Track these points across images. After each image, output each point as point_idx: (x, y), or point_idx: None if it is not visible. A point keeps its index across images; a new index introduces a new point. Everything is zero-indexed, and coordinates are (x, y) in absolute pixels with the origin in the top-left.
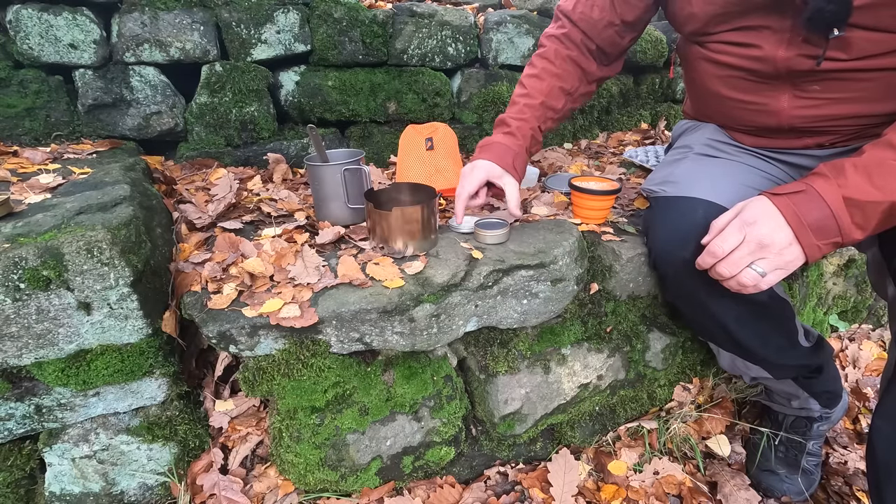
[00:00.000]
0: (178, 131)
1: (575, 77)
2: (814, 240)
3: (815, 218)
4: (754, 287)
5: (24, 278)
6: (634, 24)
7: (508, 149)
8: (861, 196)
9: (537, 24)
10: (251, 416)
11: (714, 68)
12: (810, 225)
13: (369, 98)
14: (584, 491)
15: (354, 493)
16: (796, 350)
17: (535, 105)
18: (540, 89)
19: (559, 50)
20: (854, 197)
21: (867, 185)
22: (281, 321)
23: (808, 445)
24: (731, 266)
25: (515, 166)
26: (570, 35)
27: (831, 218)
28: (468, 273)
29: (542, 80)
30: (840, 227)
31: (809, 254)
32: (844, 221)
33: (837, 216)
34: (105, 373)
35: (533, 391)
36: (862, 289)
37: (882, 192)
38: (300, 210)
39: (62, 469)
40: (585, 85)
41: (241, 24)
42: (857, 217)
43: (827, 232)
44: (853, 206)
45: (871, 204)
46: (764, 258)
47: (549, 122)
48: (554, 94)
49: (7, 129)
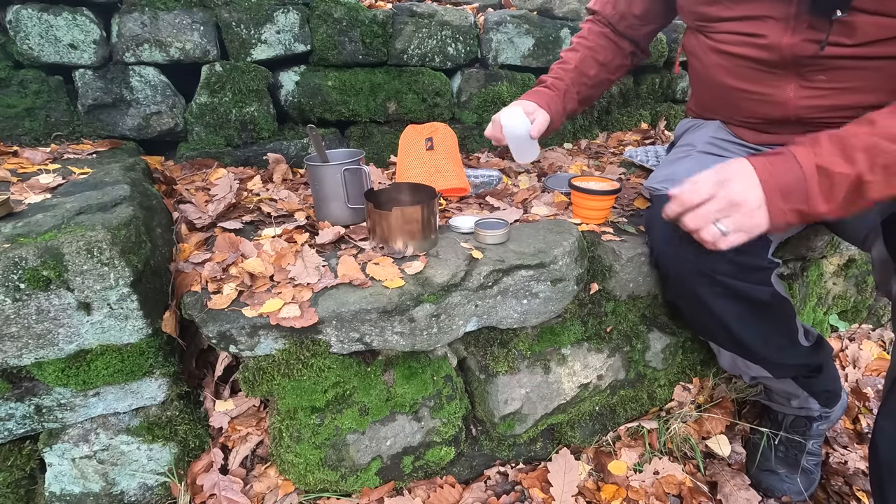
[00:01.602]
0: (178, 131)
1: (608, 50)
2: (781, 203)
3: (787, 181)
4: (712, 244)
5: (24, 278)
6: (645, 17)
7: (543, 94)
8: (831, 166)
9: (537, 24)
10: (251, 416)
11: (720, 58)
12: (781, 188)
13: (369, 98)
14: (584, 491)
15: (354, 493)
16: (796, 349)
17: (569, 69)
18: (574, 58)
19: (592, 28)
20: (825, 165)
21: (839, 155)
22: (281, 321)
23: (808, 445)
24: (697, 219)
25: (550, 106)
26: (603, 20)
27: (802, 181)
28: (468, 273)
29: (576, 51)
30: (808, 193)
31: (773, 218)
32: (813, 188)
33: (808, 181)
34: (105, 373)
35: (533, 391)
36: (862, 289)
37: (851, 165)
38: (300, 210)
39: (62, 469)
40: (620, 58)
41: (241, 24)
42: (825, 185)
43: (795, 196)
44: (823, 175)
45: (840, 175)
46: (730, 217)
47: (584, 87)
48: (587, 62)
49: (7, 129)
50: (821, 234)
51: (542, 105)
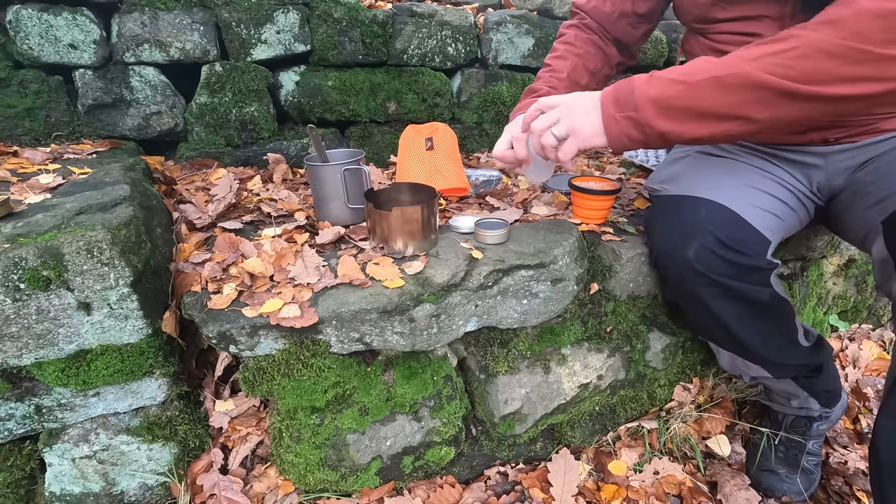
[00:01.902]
0: (178, 131)
1: (597, 58)
2: (612, 109)
3: (620, 89)
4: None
5: (24, 278)
6: (647, 15)
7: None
8: (664, 74)
9: (537, 23)
10: (251, 416)
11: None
12: (614, 96)
13: (369, 98)
14: (584, 491)
15: (354, 493)
16: (796, 349)
17: (562, 78)
18: (565, 66)
19: (579, 34)
20: (657, 74)
21: (676, 69)
22: (281, 321)
23: (808, 445)
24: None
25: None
26: (589, 24)
27: (630, 85)
28: (468, 273)
29: (565, 59)
30: (635, 95)
31: (606, 124)
32: (640, 91)
33: (635, 84)
34: (105, 373)
35: (533, 391)
36: (862, 289)
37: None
38: (300, 210)
39: (62, 469)
40: (608, 68)
41: (241, 24)
42: (654, 89)
43: (624, 101)
44: (655, 81)
45: (670, 81)
46: (561, 121)
47: None
48: (578, 71)
49: (7, 129)
50: (821, 234)
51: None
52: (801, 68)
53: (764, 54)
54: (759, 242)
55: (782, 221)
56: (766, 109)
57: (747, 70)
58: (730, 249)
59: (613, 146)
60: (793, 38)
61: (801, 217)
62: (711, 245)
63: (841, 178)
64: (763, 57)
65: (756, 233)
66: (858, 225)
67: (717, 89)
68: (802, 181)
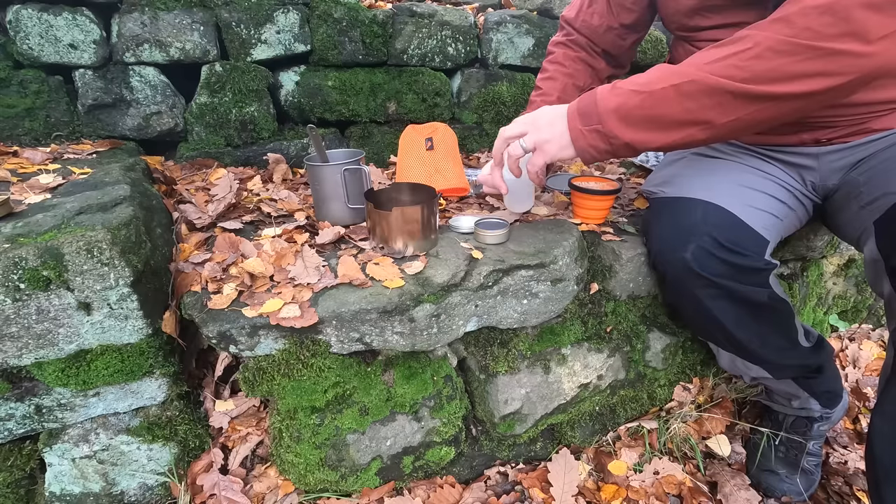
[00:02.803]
0: (178, 131)
1: (586, 74)
2: (578, 123)
3: (584, 103)
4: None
5: (24, 278)
6: (634, 26)
7: None
8: (624, 85)
9: (537, 24)
10: (251, 416)
11: None
12: (579, 109)
13: (369, 98)
14: (584, 491)
15: (354, 493)
16: (796, 350)
17: (552, 101)
18: (554, 87)
19: (567, 53)
20: (618, 85)
21: (637, 79)
22: (281, 321)
23: (809, 445)
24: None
25: None
26: (577, 41)
27: (592, 98)
28: (468, 273)
29: (555, 80)
30: (598, 108)
31: (573, 137)
32: (602, 104)
33: (598, 97)
34: (105, 373)
35: (533, 391)
36: (862, 289)
37: (644, 83)
38: (300, 210)
39: (62, 469)
40: (597, 82)
41: (241, 24)
42: (616, 101)
43: (589, 115)
44: (617, 93)
45: (631, 92)
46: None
47: None
48: (568, 91)
49: (7, 129)
50: (820, 233)
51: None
52: (755, 69)
53: (718, 58)
54: (756, 243)
55: (780, 221)
56: (725, 113)
57: (702, 76)
58: (727, 250)
59: (582, 158)
60: (746, 38)
61: (800, 216)
62: (709, 246)
63: (835, 178)
64: (717, 61)
65: (753, 233)
66: (853, 225)
67: (675, 97)
68: (798, 180)
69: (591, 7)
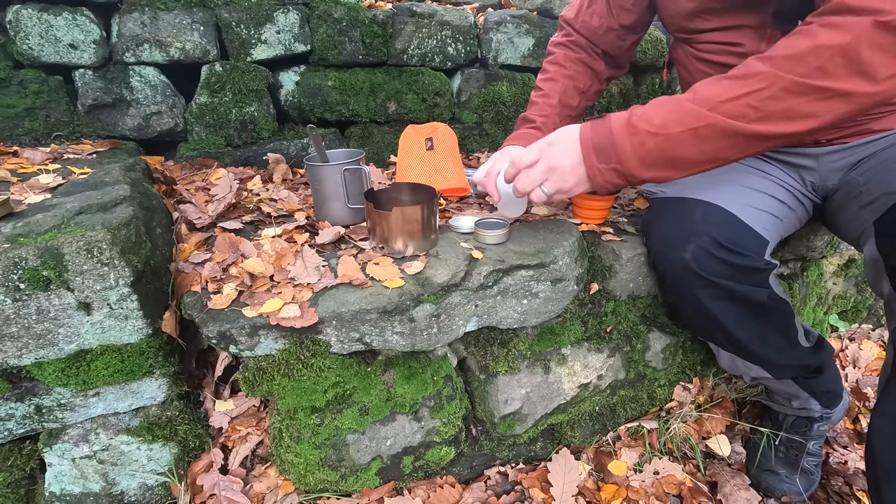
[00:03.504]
0: (178, 131)
1: (586, 76)
2: (596, 162)
3: (600, 138)
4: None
5: (24, 278)
6: (633, 27)
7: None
8: (640, 124)
9: (537, 24)
10: (251, 416)
11: (704, 67)
12: (595, 146)
13: (369, 98)
14: (584, 491)
15: (354, 493)
16: (796, 350)
17: (553, 104)
18: (555, 89)
19: (568, 54)
20: (634, 123)
21: (651, 114)
22: (281, 321)
23: (809, 445)
24: (524, 182)
25: None
26: (577, 41)
27: (610, 141)
28: (468, 273)
29: (556, 81)
30: (617, 151)
31: (591, 175)
32: (621, 145)
33: (615, 137)
34: (105, 373)
35: (533, 391)
36: (862, 289)
37: (660, 125)
38: (300, 210)
39: (62, 469)
40: (597, 84)
41: (241, 24)
42: (635, 142)
43: (607, 154)
44: (633, 133)
45: (648, 134)
46: (549, 180)
47: (567, 119)
48: (569, 93)
49: (7, 129)
50: (821, 233)
51: None
52: (768, 109)
53: (733, 97)
54: (756, 243)
55: (780, 221)
56: (739, 151)
57: (718, 119)
58: (727, 250)
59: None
60: (760, 76)
61: (800, 215)
62: (708, 246)
63: (835, 179)
64: (732, 100)
65: (753, 233)
66: (853, 225)
67: (692, 140)
68: (798, 181)
69: (590, 8)
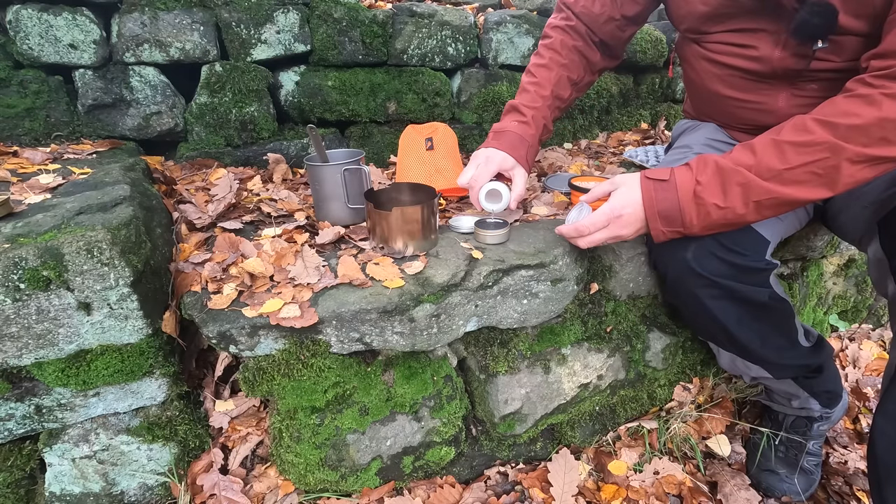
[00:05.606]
0: (178, 131)
1: (581, 67)
2: (660, 226)
3: (665, 207)
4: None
5: (24, 278)
6: (635, 18)
7: (522, 139)
8: (707, 197)
9: (537, 24)
10: (251, 416)
11: (713, 67)
12: (661, 213)
13: (369, 98)
14: (584, 491)
15: (354, 493)
16: (796, 350)
17: (546, 95)
18: (549, 78)
19: (565, 41)
20: (701, 195)
21: (717, 187)
22: (281, 321)
23: (809, 445)
24: (589, 243)
25: (528, 158)
26: (576, 27)
27: (677, 210)
28: (468, 273)
29: (550, 69)
30: (683, 220)
31: (655, 235)
32: (688, 216)
33: (683, 210)
34: (105, 373)
35: (533, 391)
36: (862, 288)
37: (725, 198)
38: (300, 210)
39: (62, 469)
40: (590, 75)
41: (241, 24)
42: (701, 214)
43: (672, 221)
44: (700, 205)
45: (713, 206)
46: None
47: (557, 111)
48: (562, 84)
49: (7, 129)
50: (821, 234)
51: (520, 159)
52: (831, 176)
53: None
54: (757, 243)
55: (780, 221)
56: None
57: (782, 192)
58: (728, 250)
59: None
60: (824, 145)
61: (801, 216)
62: (709, 246)
63: None
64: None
65: (754, 233)
66: (855, 225)
67: (755, 210)
68: None
69: None
